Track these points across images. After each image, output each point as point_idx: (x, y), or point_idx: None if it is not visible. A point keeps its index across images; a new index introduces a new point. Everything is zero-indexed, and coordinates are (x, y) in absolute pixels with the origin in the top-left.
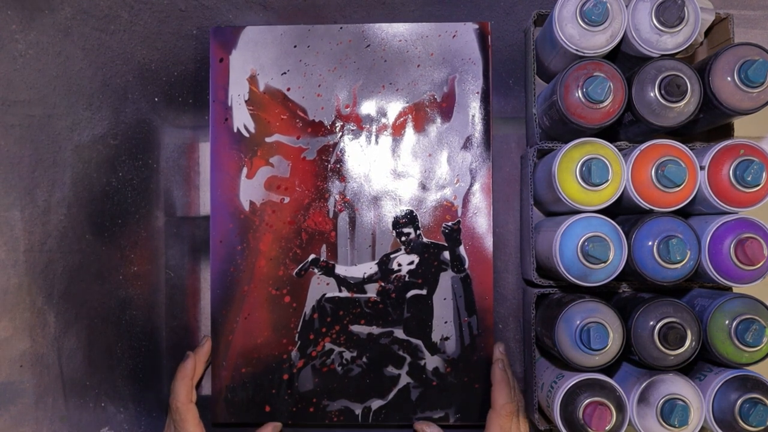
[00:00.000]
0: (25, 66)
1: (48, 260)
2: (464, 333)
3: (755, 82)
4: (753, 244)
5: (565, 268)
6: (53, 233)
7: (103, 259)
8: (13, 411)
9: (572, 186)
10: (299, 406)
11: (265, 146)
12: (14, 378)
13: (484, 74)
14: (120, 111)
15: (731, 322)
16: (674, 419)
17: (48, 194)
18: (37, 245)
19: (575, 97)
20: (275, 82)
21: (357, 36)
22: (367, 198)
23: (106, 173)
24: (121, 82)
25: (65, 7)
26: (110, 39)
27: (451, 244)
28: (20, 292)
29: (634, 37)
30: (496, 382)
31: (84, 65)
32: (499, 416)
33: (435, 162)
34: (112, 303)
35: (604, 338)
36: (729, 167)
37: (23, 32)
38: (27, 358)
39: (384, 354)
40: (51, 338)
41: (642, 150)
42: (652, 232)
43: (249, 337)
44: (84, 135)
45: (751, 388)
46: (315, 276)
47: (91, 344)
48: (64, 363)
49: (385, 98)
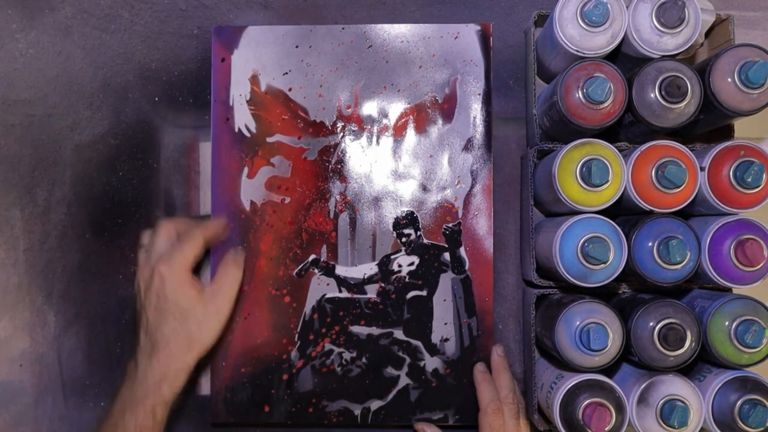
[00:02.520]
0: (25, 65)
1: (48, 259)
2: (464, 334)
3: (755, 84)
4: (753, 246)
5: (565, 269)
6: (53, 232)
7: (103, 259)
8: (13, 410)
9: (572, 187)
10: (298, 407)
11: (266, 146)
12: (14, 377)
13: (486, 76)
14: (120, 110)
15: (731, 323)
16: (674, 420)
17: (48, 193)
18: (36, 244)
19: (575, 97)
20: (277, 82)
21: (359, 36)
22: (368, 199)
23: (107, 173)
24: (121, 81)
25: (66, 6)
26: (111, 38)
27: (452, 245)
28: (20, 292)
29: (634, 37)
30: (478, 383)
31: (84, 65)
32: (486, 415)
33: (436, 163)
34: (111, 303)
35: (604, 339)
36: (729, 168)
37: (23, 31)
38: (27, 358)
39: (384, 355)
40: (51, 338)
41: (642, 151)
42: (652, 233)
43: (249, 337)
44: (84, 134)
45: (750, 389)
46: (315, 276)
47: (91, 344)
48: (63, 362)
49: (386, 99)
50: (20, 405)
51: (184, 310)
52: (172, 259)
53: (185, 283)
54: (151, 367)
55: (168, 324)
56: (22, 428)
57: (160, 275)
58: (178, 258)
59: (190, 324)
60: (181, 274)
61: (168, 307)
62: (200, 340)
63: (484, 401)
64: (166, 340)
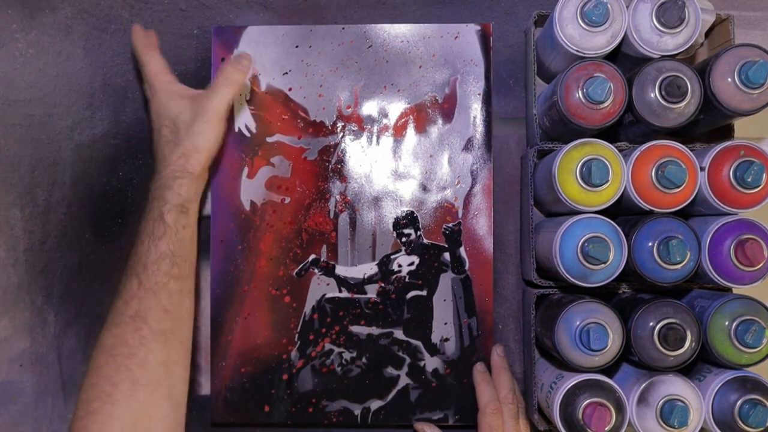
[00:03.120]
0: (25, 65)
1: (48, 259)
2: (464, 334)
3: (755, 83)
4: (753, 245)
5: (565, 269)
6: (53, 232)
7: (103, 259)
8: (13, 410)
9: (572, 186)
10: (298, 407)
11: (266, 146)
12: (14, 377)
13: (486, 76)
14: (120, 110)
15: (731, 323)
16: (674, 420)
17: (48, 193)
18: (36, 244)
19: (576, 97)
20: (277, 82)
21: (359, 36)
22: (368, 198)
23: (107, 173)
24: (121, 81)
25: (66, 6)
26: (111, 38)
27: (452, 245)
28: (20, 292)
29: (634, 37)
30: (477, 383)
31: (84, 65)
32: (485, 415)
33: (436, 163)
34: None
35: (604, 339)
36: (729, 168)
37: (24, 31)
38: (27, 358)
39: (383, 355)
40: (51, 337)
41: (642, 151)
42: (652, 233)
43: (249, 337)
44: (84, 134)
45: (750, 389)
46: (315, 276)
47: (91, 344)
48: (63, 362)
49: (386, 99)
50: (20, 405)
51: (174, 118)
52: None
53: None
54: (153, 181)
55: (163, 137)
56: (22, 428)
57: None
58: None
59: (179, 130)
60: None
61: (162, 122)
62: (189, 143)
63: (482, 401)
64: (163, 152)
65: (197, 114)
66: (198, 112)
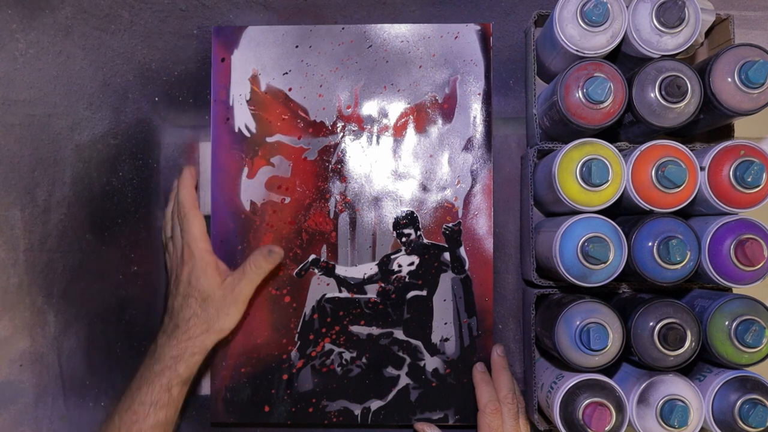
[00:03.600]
0: (25, 65)
1: (48, 260)
2: (464, 334)
3: (756, 83)
4: (753, 245)
5: (565, 269)
6: (53, 233)
7: (103, 259)
8: (13, 410)
9: (572, 186)
10: (298, 407)
11: (266, 146)
12: (14, 377)
13: (486, 76)
14: (120, 110)
15: (731, 322)
16: (674, 420)
17: (48, 194)
18: (36, 244)
19: (575, 97)
20: (277, 82)
21: (359, 36)
22: (368, 199)
23: (106, 173)
24: (121, 81)
25: (66, 6)
26: (111, 38)
27: (452, 245)
28: (20, 292)
29: (634, 37)
30: (476, 383)
31: (84, 65)
32: (484, 415)
33: (436, 163)
34: (111, 303)
35: (604, 339)
36: (729, 168)
37: (24, 31)
38: (27, 358)
39: (383, 355)
40: (51, 337)
41: (642, 150)
42: (652, 233)
43: (249, 337)
44: (84, 134)
45: (750, 389)
46: (315, 276)
47: (91, 344)
48: (63, 362)
49: (386, 99)
50: (20, 405)
51: (205, 293)
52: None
53: (210, 266)
54: (169, 345)
55: (190, 307)
56: (22, 428)
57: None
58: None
59: (209, 307)
60: (206, 258)
61: (191, 291)
62: (218, 324)
63: (482, 401)
64: (186, 322)
65: (228, 296)
66: (227, 294)
